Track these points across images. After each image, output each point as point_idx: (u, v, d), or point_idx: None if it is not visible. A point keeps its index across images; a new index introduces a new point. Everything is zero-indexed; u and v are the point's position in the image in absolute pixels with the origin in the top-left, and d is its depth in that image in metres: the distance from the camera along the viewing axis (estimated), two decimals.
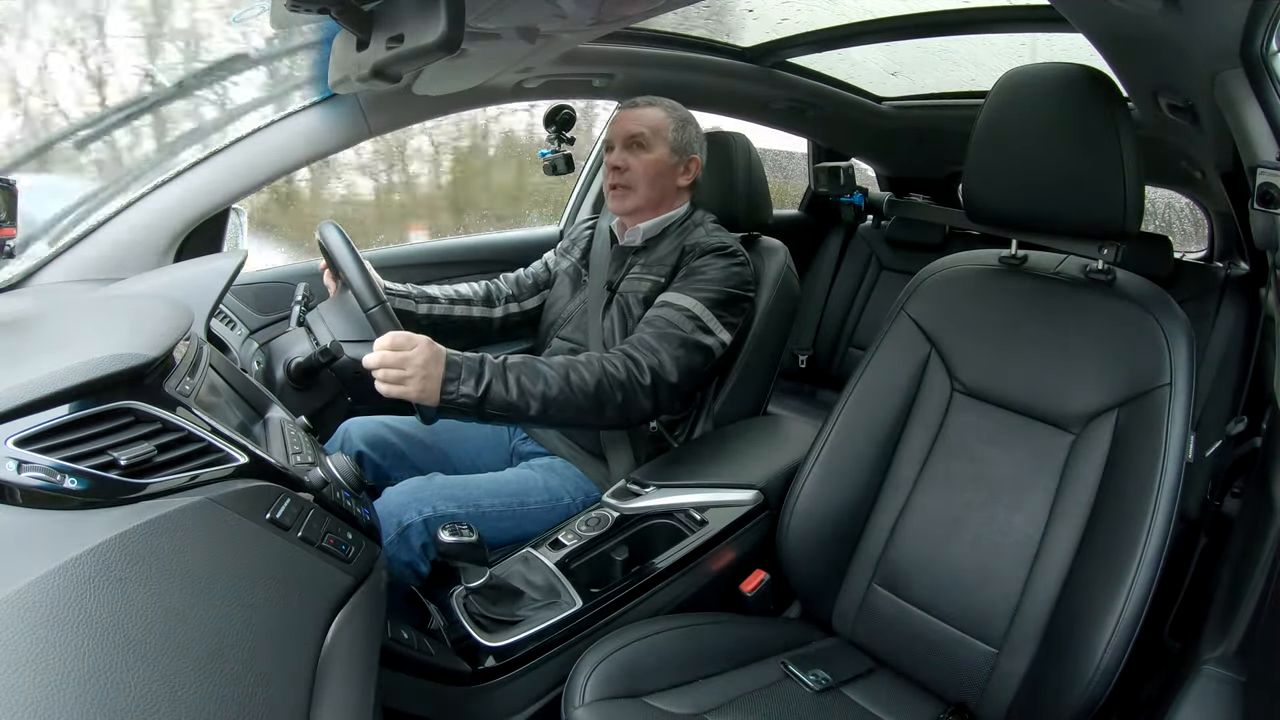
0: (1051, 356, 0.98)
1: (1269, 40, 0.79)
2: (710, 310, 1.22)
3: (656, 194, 1.34)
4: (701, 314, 1.21)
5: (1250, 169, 0.87)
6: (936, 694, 1.00)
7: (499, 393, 1.04)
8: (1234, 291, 1.77)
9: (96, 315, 0.77)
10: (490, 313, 1.47)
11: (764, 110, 2.06)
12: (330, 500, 0.72)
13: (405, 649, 0.91)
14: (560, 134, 1.71)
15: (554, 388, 1.07)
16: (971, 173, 1.02)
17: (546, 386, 1.07)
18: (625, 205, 1.34)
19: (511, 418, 1.08)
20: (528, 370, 1.07)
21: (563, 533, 1.13)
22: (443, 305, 1.42)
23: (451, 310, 1.42)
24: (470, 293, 1.47)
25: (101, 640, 0.44)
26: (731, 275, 1.26)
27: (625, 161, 1.32)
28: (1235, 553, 0.96)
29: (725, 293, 1.24)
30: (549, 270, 1.52)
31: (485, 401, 1.03)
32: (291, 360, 1.14)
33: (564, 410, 1.09)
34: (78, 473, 0.51)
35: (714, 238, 1.31)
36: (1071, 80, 0.91)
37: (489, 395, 1.03)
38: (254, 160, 1.23)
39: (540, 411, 1.07)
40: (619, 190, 1.33)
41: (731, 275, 1.26)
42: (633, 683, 0.91)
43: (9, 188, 0.76)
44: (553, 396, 1.07)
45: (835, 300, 2.53)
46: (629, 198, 1.33)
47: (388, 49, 0.81)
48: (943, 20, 1.55)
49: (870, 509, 1.09)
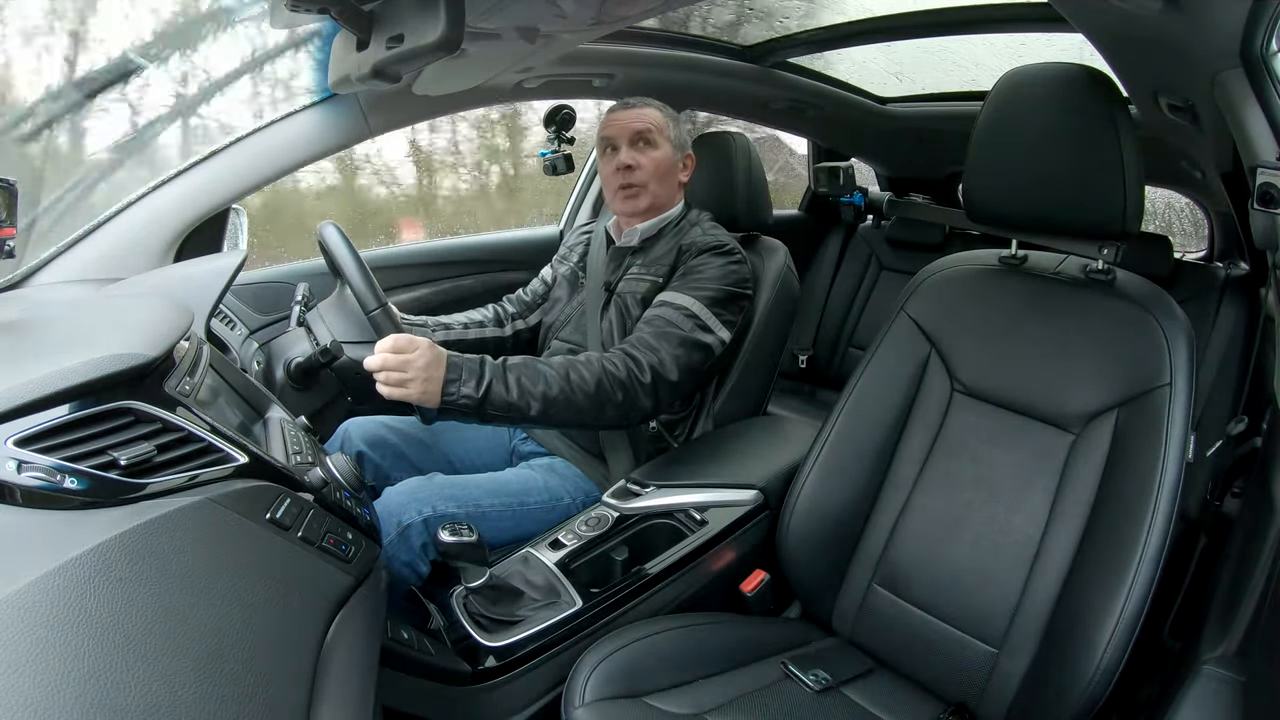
0: (1051, 356, 0.98)
1: (1269, 40, 0.79)
2: (709, 309, 1.22)
3: (665, 191, 1.34)
4: (700, 312, 1.21)
5: (1250, 169, 0.87)
6: (936, 694, 1.00)
7: (499, 393, 1.04)
8: (1234, 291, 1.77)
9: (96, 315, 0.77)
10: (502, 332, 1.49)
11: (764, 110, 2.06)
12: (330, 500, 0.72)
13: (405, 649, 0.91)
14: (560, 134, 1.71)
15: (554, 388, 1.07)
16: (971, 173, 1.02)
17: (547, 386, 1.07)
18: (639, 205, 1.33)
19: (512, 418, 1.08)
20: (528, 371, 1.07)
21: (563, 533, 1.13)
22: (457, 331, 1.43)
23: (466, 335, 1.44)
24: (481, 317, 1.49)
25: (101, 640, 0.44)
26: (729, 273, 1.26)
27: (635, 160, 1.31)
28: (1235, 553, 0.96)
29: (724, 291, 1.24)
30: (546, 284, 1.52)
31: (486, 403, 1.03)
32: (291, 360, 1.14)
33: (565, 410, 1.09)
34: (78, 473, 0.51)
35: (711, 236, 1.31)
36: (1071, 80, 0.91)
37: (489, 396, 1.03)
38: (254, 160, 1.24)
39: (541, 412, 1.07)
40: (630, 190, 1.32)
41: (729, 273, 1.26)
42: (633, 683, 0.91)
43: (9, 188, 0.76)
44: (553, 396, 1.07)
45: (835, 300, 2.53)
46: (641, 197, 1.32)
47: (388, 49, 0.81)
48: (943, 20, 1.55)
49: (870, 509, 1.09)
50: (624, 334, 1.28)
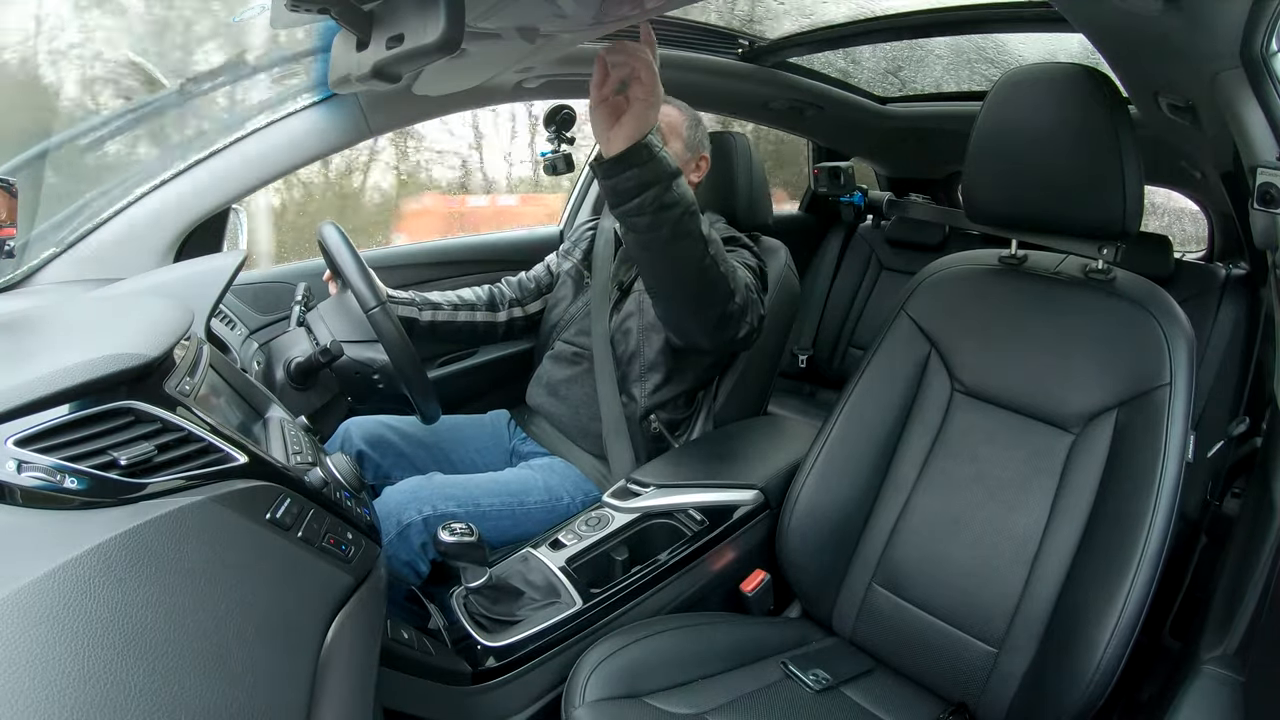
0: (1051, 356, 0.98)
1: (1269, 40, 0.80)
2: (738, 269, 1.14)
3: None
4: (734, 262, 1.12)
5: (1250, 169, 0.87)
6: (937, 694, 1.00)
7: (680, 186, 0.94)
8: (1234, 291, 1.77)
9: (96, 315, 0.77)
10: (494, 317, 1.48)
11: (764, 110, 2.06)
12: (330, 500, 0.72)
13: (405, 649, 0.91)
14: (560, 134, 1.71)
15: (698, 230, 0.97)
16: (971, 173, 1.02)
17: (697, 224, 0.97)
18: None
19: (664, 220, 0.94)
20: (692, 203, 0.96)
21: (563, 533, 1.13)
22: (446, 311, 1.42)
23: (455, 316, 1.42)
24: (474, 298, 1.47)
25: (101, 640, 0.44)
26: (747, 262, 1.26)
27: None
28: (1235, 553, 0.96)
29: (745, 266, 1.23)
30: (551, 273, 1.51)
31: (672, 179, 0.93)
32: (291, 360, 1.14)
33: (700, 259, 0.99)
34: (78, 473, 0.51)
35: (726, 231, 1.31)
36: (1071, 80, 0.91)
37: (677, 183, 0.93)
38: (254, 160, 1.23)
39: (671, 238, 0.96)
40: None
41: (747, 262, 1.26)
42: (633, 683, 0.92)
43: (9, 188, 0.76)
44: (699, 233, 0.97)
45: (835, 300, 2.53)
46: None
47: (388, 49, 0.81)
48: (943, 20, 1.55)
49: (870, 509, 1.09)
50: (646, 328, 1.28)
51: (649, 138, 0.90)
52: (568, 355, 1.37)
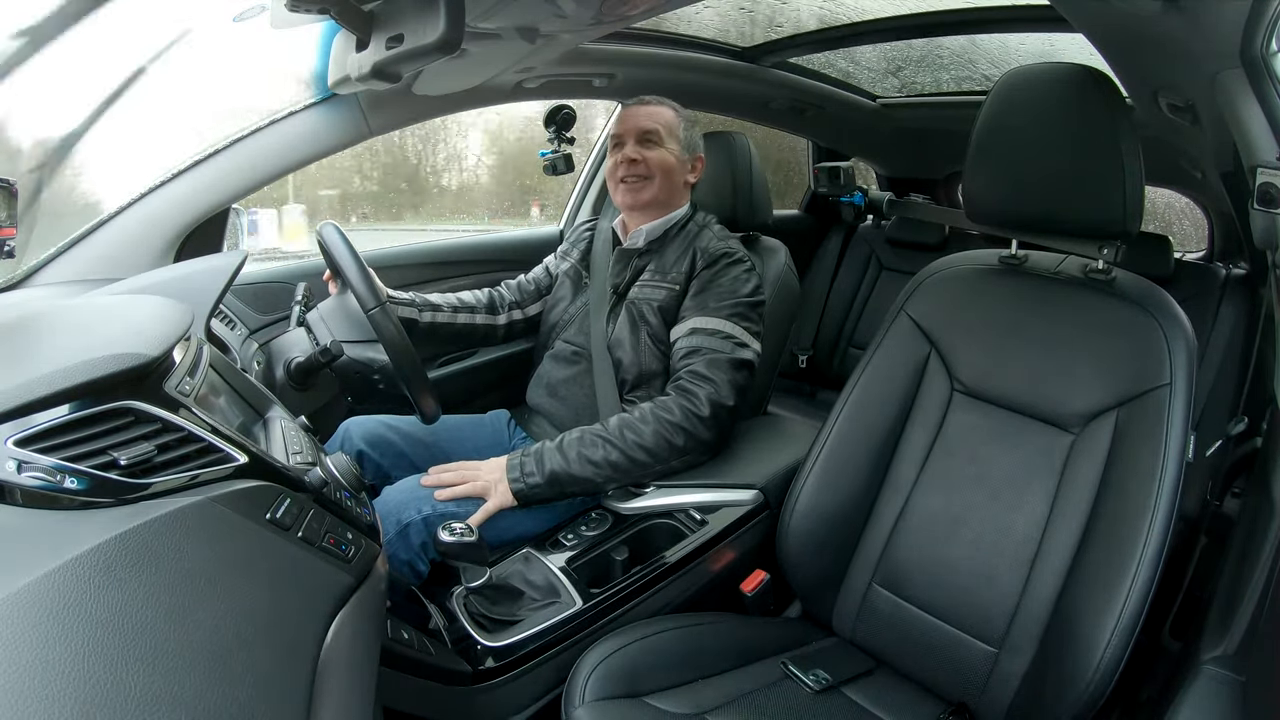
0: (1051, 356, 0.98)
1: (1269, 40, 0.79)
2: (738, 325, 1.24)
3: (668, 189, 1.34)
4: (734, 331, 1.23)
5: (1250, 169, 0.87)
6: (937, 694, 1.00)
7: (564, 469, 1.13)
8: (1234, 291, 1.77)
9: (96, 315, 0.77)
10: (494, 320, 1.49)
11: (764, 110, 2.06)
12: (330, 500, 0.72)
13: (405, 649, 0.91)
14: (560, 134, 1.71)
15: (614, 452, 1.14)
16: (971, 173, 1.02)
17: (607, 452, 1.14)
18: (641, 197, 1.33)
19: (588, 490, 1.16)
20: (584, 442, 1.15)
21: (563, 533, 1.13)
22: (445, 313, 1.42)
23: (455, 318, 1.43)
24: (474, 300, 1.47)
25: (101, 640, 0.44)
26: (746, 283, 1.28)
27: (641, 155, 1.32)
28: (1235, 553, 0.96)
29: (745, 303, 1.26)
30: (550, 274, 1.52)
31: (557, 483, 1.13)
32: (291, 360, 1.14)
33: (633, 467, 1.15)
34: (78, 473, 0.51)
35: (723, 243, 1.32)
36: (1071, 80, 0.91)
37: (558, 477, 1.13)
38: (254, 160, 1.23)
39: (608, 478, 1.15)
40: (633, 181, 1.33)
41: (746, 283, 1.28)
42: (633, 683, 0.92)
43: (9, 188, 0.76)
44: (615, 460, 1.14)
45: (835, 300, 2.53)
46: (645, 189, 1.33)
47: (388, 49, 0.81)
48: (943, 20, 1.55)
49: (870, 509, 1.09)
50: (638, 342, 1.29)
51: (517, 486, 1.12)
52: (567, 355, 1.37)
